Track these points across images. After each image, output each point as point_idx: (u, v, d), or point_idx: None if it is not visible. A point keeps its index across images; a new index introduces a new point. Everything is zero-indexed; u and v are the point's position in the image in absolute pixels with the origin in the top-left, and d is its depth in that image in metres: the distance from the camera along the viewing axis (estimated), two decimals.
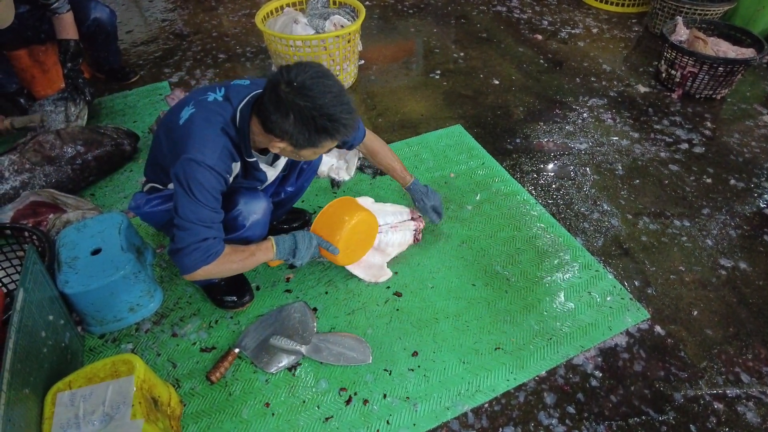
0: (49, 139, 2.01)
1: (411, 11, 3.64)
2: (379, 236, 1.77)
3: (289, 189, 1.70)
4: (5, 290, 1.64)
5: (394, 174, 1.78)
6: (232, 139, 1.25)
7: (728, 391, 1.46)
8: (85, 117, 2.36)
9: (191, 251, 1.22)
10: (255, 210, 1.42)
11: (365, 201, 1.78)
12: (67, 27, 2.29)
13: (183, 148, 1.20)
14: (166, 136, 1.32)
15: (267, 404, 1.41)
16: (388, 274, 1.75)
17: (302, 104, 1.12)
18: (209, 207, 1.22)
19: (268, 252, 1.40)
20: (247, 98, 1.25)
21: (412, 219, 1.82)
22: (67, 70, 2.33)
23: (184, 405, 1.41)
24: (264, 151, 1.39)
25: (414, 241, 1.84)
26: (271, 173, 1.47)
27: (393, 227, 1.79)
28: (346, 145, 1.64)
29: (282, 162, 1.50)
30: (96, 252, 1.54)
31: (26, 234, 1.63)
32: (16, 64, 2.45)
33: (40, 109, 2.29)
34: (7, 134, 2.23)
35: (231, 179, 1.30)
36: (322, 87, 1.13)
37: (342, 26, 2.64)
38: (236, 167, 1.31)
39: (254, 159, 1.33)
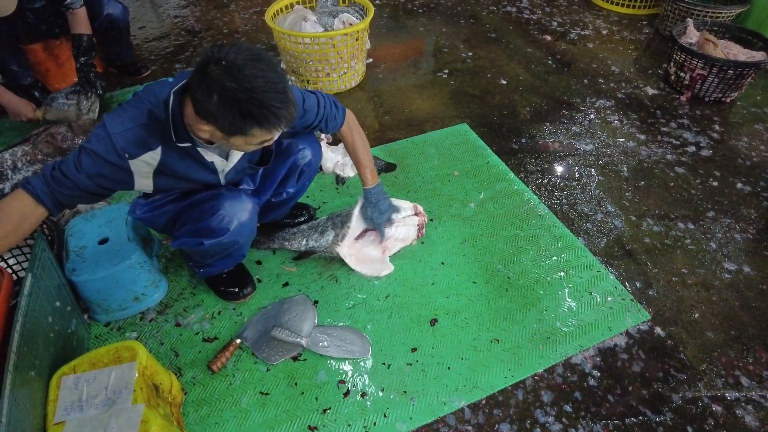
0: (61, 131, 2.06)
1: (421, 10, 3.65)
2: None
3: (291, 190, 1.68)
4: (16, 277, 1.68)
5: (358, 170, 1.67)
6: (160, 122, 1.17)
7: (727, 394, 1.45)
8: (97, 110, 2.40)
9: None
10: (239, 213, 1.37)
11: None
12: (81, 22, 2.34)
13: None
14: None
15: (266, 394, 1.43)
16: (390, 268, 1.76)
17: (228, 85, 1.01)
18: (77, 165, 1.15)
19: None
20: (183, 82, 1.15)
21: (416, 214, 1.84)
22: (80, 65, 2.37)
23: (185, 393, 1.44)
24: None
25: (417, 236, 1.85)
26: (222, 163, 1.34)
27: (395, 223, 1.81)
28: (323, 131, 1.56)
29: (237, 153, 1.35)
30: (103, 241, 1.57)
31: None
32: (31, 58, 2.50)
33: (52, 102, 2.34)
34: (36, 123, 2.29)
35: (141, 168, 1.21)
36: (254, 70, 1.03)
37: (351, 24, 2.66)
38: (153, 156, 1.21)
39: (187, 144, 1.20)
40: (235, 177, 1.48)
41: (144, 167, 1.23)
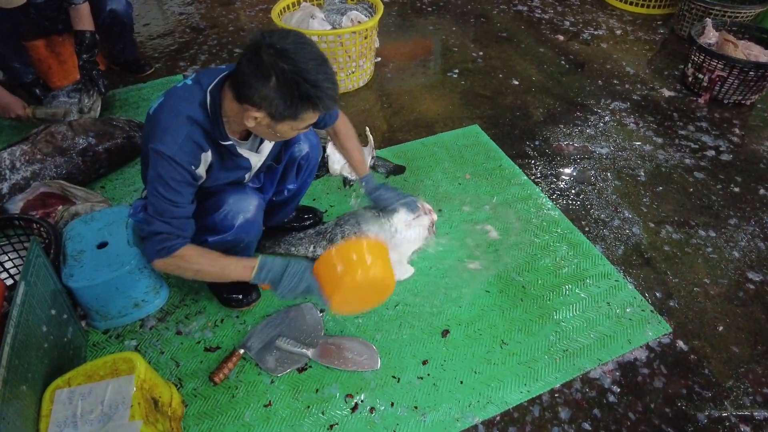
0: (61, 130, 2.00)
1: (430, 9, 3.58)
2: (394, 235, 1.73)
3: (291, 187, 1.64)
4: (13, 281, 1.62)
5: (351, 160, 1.61)
6: (201, 125, 1.18)
7: (755, 413, 1.38)
8: (98, 109, 2.35)
9: (147, 242, 1.19)
10: (244, 208, 1.35)
11: None
12: (84, 18, 2.28)
13: (150, 138, 1.16)
14: (143, 129, 1.29)
15: (271, 408, 1.37)
16: (410, 270, 1.71)
17: (286, 67, 1.05)
18: (167, 200, 1.16)
19: (244, 270, 1.23)
20: (218, 79, 1.17)
21: (425, 213, 1.78)
22: (82, 62, 2.31)
23: (186, 406, 1.38)
24: (245, 137, 1.31)
25: (429, 234, 1.79)
26: (255, 159, 1.37)
27: (407, 224, 1.74)
28: (320, 125, 1.51)
29: (267, 146, 1.39)
30: (102, 245, 1.51)
31: (35, 225, 1.62)
32: (33, 54, 2.45)
33: (53, 100, 2.29)
34: (27, 122, 2.22)
35: (202, 171, 1.23)
36: (305, 53, 1.07)
37: (359, 22, 2.59)
38: (207, 157, 1.22)
39: (230, 142, 1.23)
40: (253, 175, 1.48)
41: (199, 172, 1.23)
